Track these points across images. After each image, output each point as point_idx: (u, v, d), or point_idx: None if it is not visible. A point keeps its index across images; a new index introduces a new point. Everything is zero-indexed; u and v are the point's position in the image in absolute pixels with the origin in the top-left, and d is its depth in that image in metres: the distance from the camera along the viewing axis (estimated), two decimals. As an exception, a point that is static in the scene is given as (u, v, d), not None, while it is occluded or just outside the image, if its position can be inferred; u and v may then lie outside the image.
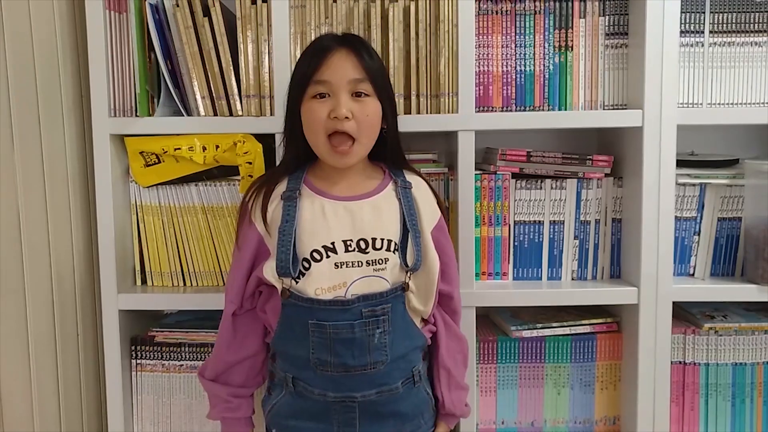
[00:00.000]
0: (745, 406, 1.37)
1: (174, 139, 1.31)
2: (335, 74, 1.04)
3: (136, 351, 1.38)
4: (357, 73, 1.04)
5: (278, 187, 1.11)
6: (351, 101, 1.04)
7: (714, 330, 1.36)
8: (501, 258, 1.38)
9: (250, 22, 1.31)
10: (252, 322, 1.13)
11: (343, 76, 1.04)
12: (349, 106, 1.03)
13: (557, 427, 1.41)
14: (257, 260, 1.10)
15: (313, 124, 1.05)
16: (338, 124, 1.03)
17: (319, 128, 1.04)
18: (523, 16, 1.35)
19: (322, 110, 1.04)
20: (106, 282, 1.32)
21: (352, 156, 1.06)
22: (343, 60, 1.05)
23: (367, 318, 1.03)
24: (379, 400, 1.05)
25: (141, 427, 1.39)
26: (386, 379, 1.05)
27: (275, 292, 1.08)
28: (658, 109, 1.29)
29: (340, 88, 1.03)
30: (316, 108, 1.04)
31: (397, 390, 1.06)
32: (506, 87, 1.36)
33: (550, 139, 1.53)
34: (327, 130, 1.04)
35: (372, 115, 1.06)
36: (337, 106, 1.03)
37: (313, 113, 1.05)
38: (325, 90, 1.04)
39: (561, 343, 1.38)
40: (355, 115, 1.04)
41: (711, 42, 1.35)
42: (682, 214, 1.37)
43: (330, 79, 1.04)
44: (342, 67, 1.04)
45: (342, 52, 1.05)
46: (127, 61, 1.32)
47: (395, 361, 1.05)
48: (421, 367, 1.10)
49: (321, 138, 1.05)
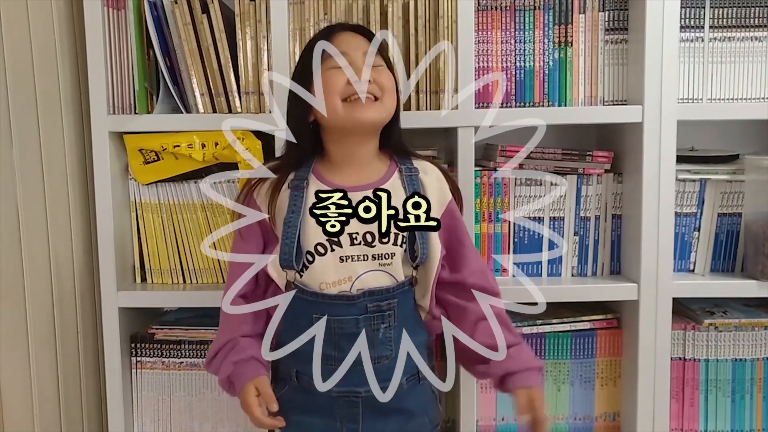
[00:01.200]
0: (745, 402, 1.37)
1: (173, 137, 1.31)
2: (349, 45, 1.04)
3: (136, 348, 1.38)
4: (368, 45, 1.05)
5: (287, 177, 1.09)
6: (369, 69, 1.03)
7: (714, 326, 1.36)
8: (501, 254, 1.38)
9: (248, 19, 1.31)
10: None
11: (357, 47, 1.04)
12: (369, 72, 1.02)
13: (557, 423, 1.41)
14: (266, 249, 1.09)
15: (328, 91, 1.02)
16: (359, 86, 1.02)
17: (335, 94, 1.02)
18: (523, 12, 1.34)
19: (340, 77, 1.02)
20: (105, 279, 1.32)
21: (375, 109, 1.04)
22: (352, 37, 1.06)
23: (372, 313, 1.03)
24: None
25: (141, 425, 1.39)
26: (390, 375, 1.03)
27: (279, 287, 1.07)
28: (658, 104, 1.28)
29: (358, 57, 1.03)
30: (334, 76, 1.02)
31: (402, 386, 1.05)
32: (506, 83, 1.35)
33: (550, 135, 1.52)
34: (343, 95, 1.03)
35: (391, 80, 1.06)
36: (359, 72, 1.02)
37: (330, 80, 1.03)
38: (343, 60, 1.02)
39: (561, 339, 1.38)
40: (376, 80, 1.03)
41: (711, 37, 1.34)
42: (682, 210, 1.37)
43: (346, 50, 1.03)
44: (355, 41, 1.05)
45: (348, 33, 1.07)
46: (125, 58, 1.32)
47: (400, 357, 1.05)
48: (426, 363, 1.10)
49: (337, 101, 1.03)
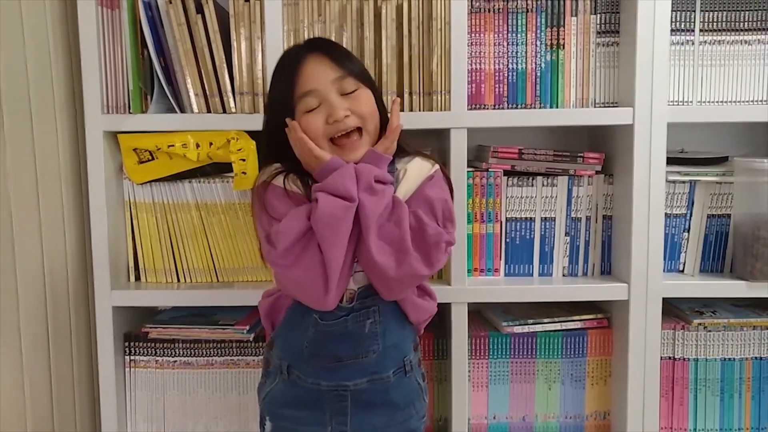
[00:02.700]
0: (734, 401, 1.39)
1: (167, 136, 1.31)
2: (317, 80, 1.03)
3: (130, 347, 1.38)
4: (337, 71, 1.04)
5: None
6: (343, 100, 1.04)
7: (703, 326, 1.37)
8: (493, 254, 1.39)
9: (243, 20, 1.31)
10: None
11: (325, 78, 1.03)
12: (343, 106, 1.03)
13: (548, 422, 1.42)
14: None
15: (313, 136, 1.03)
16: (339, 125, 1.03)
17: (320, 138, 1.03)
18: (515, 15, 1.35)
19: (317, 120, 1.03)
20: (99, 279, 1.33)
21: (362, 146, 1.05)
22: (318, 64, 1.04)
23: (358, 311, 1.05)
24: (371, 388, 1.06)
25: (134, 424, 1.39)
26: (378, 368, 1.06)
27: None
28: (648, 106, 1.30)
29: (328, 92, 1.03)
30: (312, 120, 1.03)
31: (388, 379, 1.07)
32: (498, 85, 1.36)
33: (542, 136, 1.54)
34: (328, 135, 1.04)
35: (368, 103, 1.05)
36: (332, 110, 1.02)
37: (309, 127, 1.03)
38: (314, 100, 1.03)
39: (552, 338, 1.40)
40: (353, 110, 1.03)
41: (701, 40, 1.36)
42: (672, 211, 1.38)
43: (315, 86, 1.03)
44: (321, 72, 1.03)
45: (314, 57, 1.05)
46: (119, 58, 1.32)
47: (387, 350, 1.06)
48: (412, 357, 1.11)
49: (324, 146, 1.04)
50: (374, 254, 0.98)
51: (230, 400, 1.39)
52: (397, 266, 0.98)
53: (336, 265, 0.97)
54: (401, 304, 1.08)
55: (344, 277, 1.00)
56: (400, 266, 0.98)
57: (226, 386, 1.39)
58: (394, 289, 1.03)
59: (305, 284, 0.99)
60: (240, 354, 1.38)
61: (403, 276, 0.99)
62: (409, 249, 0.98)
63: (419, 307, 1.10)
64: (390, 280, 1.00)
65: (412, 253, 0.98)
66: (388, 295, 1.04)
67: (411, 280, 1.03)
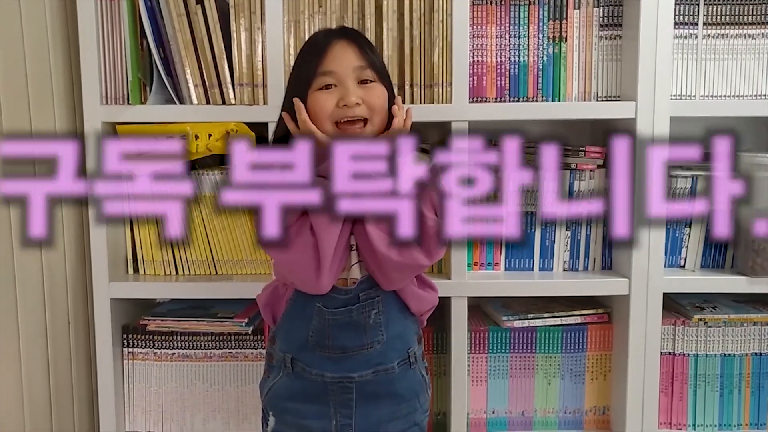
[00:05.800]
0: (733, 397, 1.39)
1: (166, 128, 1.30)
2: (340, 63, 1.04)
3: (128, 339, 1.38)
4: (360, 60, 1.05)
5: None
6: (358, 88, 1.04)
7: (703, 321, 1.37)
8: (493, 248, 1.38)
9: (243, 11, 1.30)
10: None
11: (348, 64, 1.04)
12: (357, 93, 1.03)
13: (547, 417, 1.42)
14: None
15: (320, 114, 1.04)
16: (348, 111, 1.03)
17: (325, 118, 1.04)
18: (518, 7, 1.34)
19: (329, 100, 1.04)
20: (97, 270, 1.32)
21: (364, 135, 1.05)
22: (344, 49, 1.05)
23: (363, 301, 1.05)
24: (376, 380, 1.06)
25: (133, 416, 1.39)
26: (382, 359, 1.06)
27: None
28: (651, 100, 1.29)
29: (347, 77, 1.04)
30: (323, 98, 1.04)
31: (393, 370, 1.07)
32: (500, 78, 1.35)
33: (544, 130, 1.53)
34: (334, 118, 1.04)
35: (381, 97, 1.06)
36: (346, 94, 1.03)
37: (319, 103, 1.04)
38: (331, 81, 1.04)
39: (552, 333, 1.39)
40: (365, 99, 1.04)
41: (705, 34, 1.35)
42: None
43: (336, 68, 1.04)
44: (345, 56, 1.05)
45: (342, 42, 1.06)
46: (118, 49, 1.31)
47: (391, 341, 1.06)
48: (416, 349, 1.11)
49: (327, 127, 1.04)
50: (374, 242, 0.99)
51: (228, 392, 1.39)
52: (397, 255, 1.00)
53: (328, 250, 0.99)
54: (402, 295, 1.08)
55: (337, 261, 1.01)
56: (400, 255, 1.00)
57: (224, 379, 1.38)
58: (393, 278, 1.04)
59: (298, 268, 1.01)
60: (238, 347, 1.37)
61: (402, 265, 1.01)
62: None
63: (420, 297, 1.10)
64: (389, 270, 1.02)
65: (412, 243, 1.00)
66: (387, 285, 1.05)
67: (410, 269, 1.04)
